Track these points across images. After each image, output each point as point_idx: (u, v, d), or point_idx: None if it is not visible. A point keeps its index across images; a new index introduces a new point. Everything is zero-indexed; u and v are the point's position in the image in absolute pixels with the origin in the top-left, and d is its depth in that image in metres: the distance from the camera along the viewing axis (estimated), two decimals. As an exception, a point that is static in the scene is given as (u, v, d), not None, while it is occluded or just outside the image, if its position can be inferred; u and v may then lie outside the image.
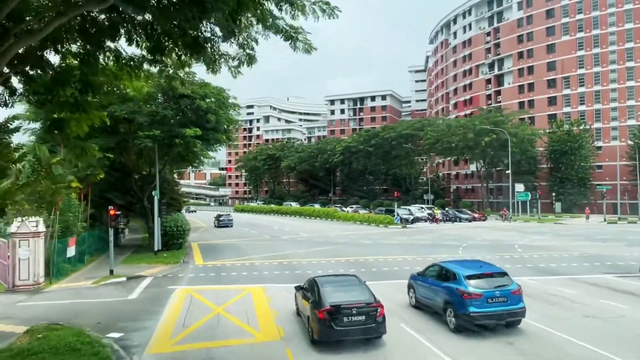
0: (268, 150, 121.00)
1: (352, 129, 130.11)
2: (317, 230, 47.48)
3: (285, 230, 48.28)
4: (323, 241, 36.10)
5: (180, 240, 31.23)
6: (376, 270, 22.21)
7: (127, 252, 32.03)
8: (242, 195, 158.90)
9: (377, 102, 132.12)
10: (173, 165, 39.10)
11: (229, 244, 36.98)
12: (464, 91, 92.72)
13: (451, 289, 12.60)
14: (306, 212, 71.97)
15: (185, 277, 22.09)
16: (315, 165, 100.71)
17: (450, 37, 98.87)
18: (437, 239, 36.21)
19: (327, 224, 56.74)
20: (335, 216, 62.02)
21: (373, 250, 29.85)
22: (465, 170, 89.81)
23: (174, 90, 27.65)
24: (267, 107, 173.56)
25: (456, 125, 64.51)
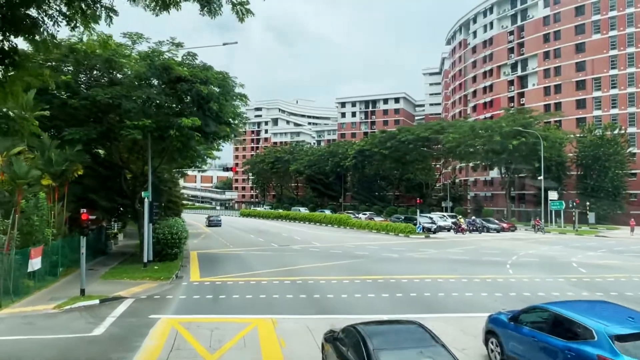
0: (276, 153, 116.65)
1: (363, 133, 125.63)
2: (331, 239, 42.81)
3: (296, 238, 43.65)
4: (340, 253, 31.39)
5: (175, 250, 26.66)
6: (416, 295, 17.48)
7: (114, 262, 27.51)
8: (249, 200, 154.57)
9: (389, 105, 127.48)
10: (172, 163, 34.62)
11: (233, 253, 32.41)
12: (484, 93, 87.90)
13: (584, 355, 7.72)
14: (316, 219, 67.31)
15: (174, 299, 17.50)
16: (325, 169, 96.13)
17: (470, 36, 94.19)
18: (473, 253, 31.38)
19: (341, 232, 52.03)
20: (349, 223, 57.29)
21: (403, 267, 25.12)
22: (484, 177, 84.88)
23: (169, 72, 23.21)
24: (275, 109, 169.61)
25: (481, 127, 59.66)
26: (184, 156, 31.48)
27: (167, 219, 33.36)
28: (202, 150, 47.61)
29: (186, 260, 28.87)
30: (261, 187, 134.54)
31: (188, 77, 23.45)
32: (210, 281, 21.17)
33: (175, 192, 36.25)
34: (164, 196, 32.67)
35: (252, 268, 25.16)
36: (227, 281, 21.04)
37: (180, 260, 27.21)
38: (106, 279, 21.73)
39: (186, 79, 23.51)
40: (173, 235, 26.40)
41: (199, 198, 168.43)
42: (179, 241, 26.69)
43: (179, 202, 36.82)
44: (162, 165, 33.18)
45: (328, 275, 22.14)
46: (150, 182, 26.14)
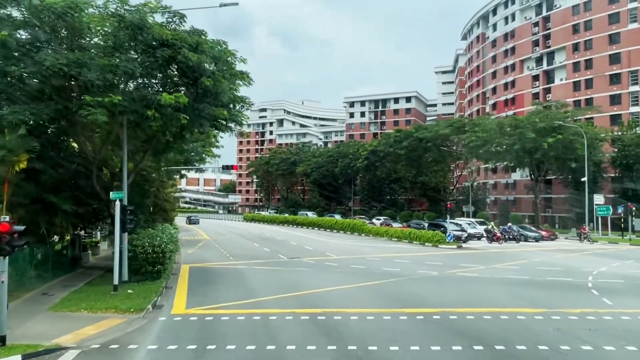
0: (282, 154, 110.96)
1: (372, 134, 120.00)
2: (347, 249, 36.93)
3: (306, 248, 37.81)
4: (364, 269, 25.52)
5: (158, 267, 20.86)
6: (505, 350, 11.51)
7: (81, 281, 21.75)
8: (253, 203, 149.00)
9: (400, 105, 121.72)
10: (160, 159, 28.88)
11: (232, 268, 26.61)
12: (505, 90, 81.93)
13: None
14: (326, 224, 61.47)
15: (138, 353, 11.68)
16: (334, 171, 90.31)
17: (489, 30, 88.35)
18: (530, 270, 25.36)
19: (356, 240, 46.13)
20: (364, 230, 51.41)
21: (454, 292, 19.24)
22: (506, 179, 78.82)
23: (145, 33, 17.44)
24: (280, 110, 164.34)
25: (510, 124, 53.65)
26: (173, 149, 25.73)
27: (155, 226, 27.72)
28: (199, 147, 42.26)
29: (174, 278, 23.12)
30: (266, 190, 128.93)
31: (171, 41, 17.69)
32: (198, 314, 15.35)
33: (165, 194, 30.51)
34: (150, 199, 26.90)
35: (256, 292, 19.32)
36: (222, 314, 15.20)
37: (164, 279, 21.43)
38: (57, 311, 15.93)
39: (169, 43, 17.74)
40: (155, 249, 20.61)
41: (202, 201, 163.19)
42: (162, 256, 20.89)
43: (171, 205, 30.91)
44: (148, 161, 27.50)
45: (358, 306, 16.26)
46: (125, 180, 20.43)
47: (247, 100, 23.96)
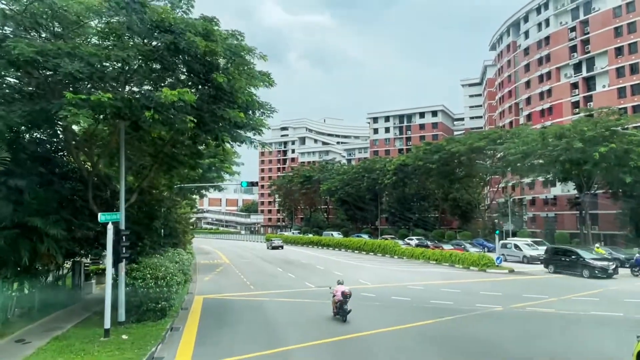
0: (305, 172, 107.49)
1: (398, 150, 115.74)
2: (382, 275, 32.73)
3: (335, 273, 33.72)
4: (410, 303, 21.37)
5: (163, 304, 17.12)
6: None
7: (72, 321, 18.16)
8: (275, 223, 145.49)
9: (426, 119, 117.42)
10: (172, 176, 25.49)
11: (253, 302, 22.75)
12: (541, 100, 77.07)
13: None
14: (354, 245, 57.29)
15: None
16: (360, 188, 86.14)
17: (520, 37, 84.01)
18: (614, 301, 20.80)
19: (389, 263, 41.83)
20: (396, 252, 47.05)
21: (544, 339, 14.93)
22: (545, 195, 73.42)
23: (141, 13, 14.06)
24: (302, 128, 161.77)
25: (554, 133, 48.93)
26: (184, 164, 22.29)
27: (166, 252, 24.21)
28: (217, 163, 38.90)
29: (183, 314, 19.44)
30: (288, 210, 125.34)
31: (173, 25, 14.29)
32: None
33: (177, 215, 27.02)
34: (159, 220, 23.42)
35: (282, 336, 15.41)
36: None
37: (170, 318, 17.72)
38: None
39: (172, 28, 14.35)
40: (159, 282, 16.93)
41: (223, 222, 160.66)
42: (168, 290, 17.17)
43: (183, 227, 27.29)
44: (157, 177, 24.16)
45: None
46: (122, 199, 16.94)
47: (267, 106, 20.36)
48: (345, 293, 17.59)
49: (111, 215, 15.23)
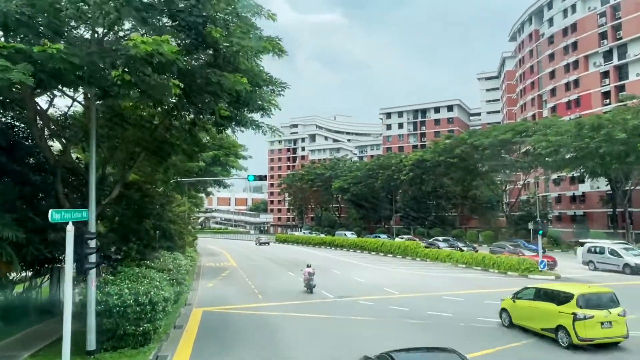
0: (316, 170, 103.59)
1: (412, 146, 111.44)
2: (410, 281, 28.72)
3: (357, 280, 29.83)
4: (455, 320, 17.43)
5: (146, 327, 13.31)
6: None
7: (33, 346, 14.45)
8: (285, 223, 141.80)
9: (442, 114, 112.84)
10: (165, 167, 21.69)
11: (260, 317, 18.94)
12: (567, 90, 72.33)
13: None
14: (370, 246, 53.30)
15: None
16: (374, 186, 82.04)
17: (544, 26, 79.30)
18: None
19: (413, 266, 37.78)
20: (419, 254, 42.94)
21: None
22: (572, 192, 68.83)
23: None
24: (312, 126, 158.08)
25: (593, 124, 44.42)
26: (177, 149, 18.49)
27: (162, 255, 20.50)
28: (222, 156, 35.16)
29: (176, 335, 15.73)
30: (298, 209, 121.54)
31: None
32: None
33: (172, 214, 23.12)
34: (150, 220, 19.68)
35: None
36: None
37: (156, 343, 13.97)
38: None
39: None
40: (140, 298, 13.14)
41: (232, 222, 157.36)
42: (152, 309, 13.37)
43: (179, 228, 23.24)
44: (147, 168, 20.45)
45: None
46: (92, 192, 13.16)
47: (277, 81, 16.51)
48: (310, 272, 24.23)
49: (71, 214, 11.43)
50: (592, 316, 12.92)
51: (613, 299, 13.66)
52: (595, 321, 12.83)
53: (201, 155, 29.67)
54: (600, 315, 12.98)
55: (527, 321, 14.99)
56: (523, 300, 15.51)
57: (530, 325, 14.80)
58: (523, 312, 15.22)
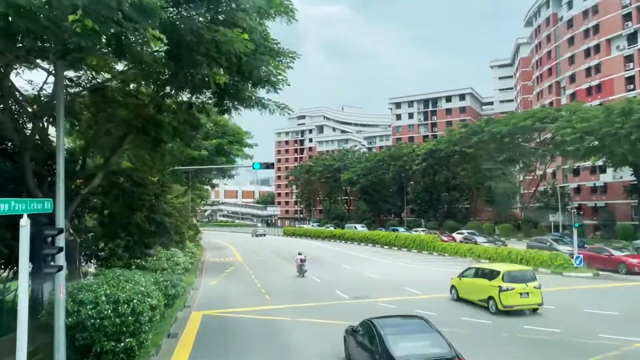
0: (325, 161, 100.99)
1: (422, 136, 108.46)
2: (432, 279, 26.21)
3: (371, 277, 27.38)
4: (496, 328, 14.97)
5: (128, 342, 10.91)
6: None
7: None
8: (293, 215, 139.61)
9: (453, 104, 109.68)
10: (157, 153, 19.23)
11: (267, 323, 16.56)
12: (588, 76, 68.97)
13: None
14: (383, 240, 50.83)
15: None
16: (384, 177, 79.35)
17: (562, 9, 75.76)
18: None
19: (432, 262, 35.25)
20: (436, 248, 40.39)
21: None
22: (594, 182, 65.76)
23: None
24: (320, 117, 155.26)
25: (623, 109, 41.36)
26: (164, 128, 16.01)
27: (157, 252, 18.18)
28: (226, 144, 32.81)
29: (168, 346, 13.41)
30: (306, 202, 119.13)
31: None
32: None
33: (168, 205, 20.63)
34: (142, 212, 17.29)
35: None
36: None
37: (144, 357, 11.60)
38: None
39: None
40: (120, 307, 10.74)
41: (239, 214, 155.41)
42: (135, 321, 10.96)
43: (175, 220, 20.61)
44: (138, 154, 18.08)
45: None
46: (60, 176, 10.72)
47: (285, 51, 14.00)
48: (302, 259, 27.36)
49: (26, 204, 8.98)
50: (513, 288, 16.32)
51: (531, 275, 17.21)
52: (516, 292, 16.23)
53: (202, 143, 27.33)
54: (520, 288, 16.34)
55: (469, 295, 18.58)
56: (466, 278, 19.04)
57: (471, 298, 18.35)
58: (466, 288, 18.85)
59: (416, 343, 9.22)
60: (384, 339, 9.27)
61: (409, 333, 9.70)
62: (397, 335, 9.43)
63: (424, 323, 10.13)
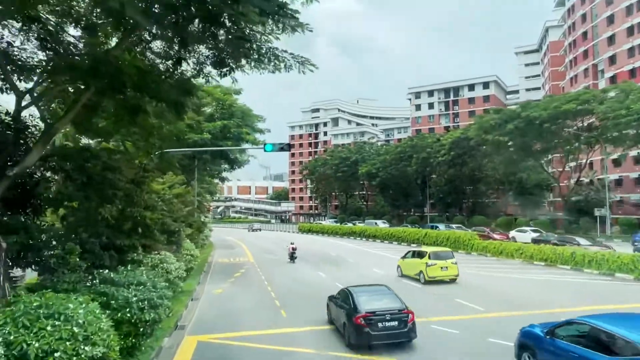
0: (341, 153, 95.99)
1: (444, 127, 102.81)
2: (494, 290, 21.11)
3: (411, 285, 22.46)
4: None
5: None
6: None
7: None
8: (307, 211, 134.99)
9: (476, 92, 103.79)
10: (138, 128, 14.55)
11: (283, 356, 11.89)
12: (631, 57, 62.88)
13: None
14: (410, 237, 45.86)
15: None
16: (406, 170, 74.08)
17: (600, -16, 69.58)
18: None
19: (478, 265, 30.11)
20: (474, 247, 35.28)
21: None
22: (637, 173, 59.86)
23: None
24: (334, 110, 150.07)
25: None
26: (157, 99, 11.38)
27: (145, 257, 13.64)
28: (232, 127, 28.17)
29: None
30: (322, 197, 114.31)
31: None
32: None
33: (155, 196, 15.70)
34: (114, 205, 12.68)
35: None
36: None
37: None
38: None
39: None
40: None
41: (253, 210, 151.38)
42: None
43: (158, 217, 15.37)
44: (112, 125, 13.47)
45: None
46: None
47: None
48: (293, 248, 33.43)
49: None
50: (435, 264, 22.11)
51: (450, 254, 23.20)
52: (438, 267, 22.00)
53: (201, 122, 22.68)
54: (441, 263, 22.17)
55: (408, 271, 23.88)
56: (407, 259, 24.51)
57: (409, 273, 23.63)
58: (407, 266, 24.21)
59: (378, 302, 12.62)
60: (355, 299, 12.74)
61: (374, 294, 13.17)
62: (364, 296, 12.94)
63: (385, 288, 13.82)
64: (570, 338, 8.73)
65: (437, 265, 21.86)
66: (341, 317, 13.06)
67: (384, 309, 12.17)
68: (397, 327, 11.91)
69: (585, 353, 8.06)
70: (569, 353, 8.43)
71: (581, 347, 8.24)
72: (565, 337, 8.85)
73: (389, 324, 11.90)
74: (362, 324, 11.84)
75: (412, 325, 12.08)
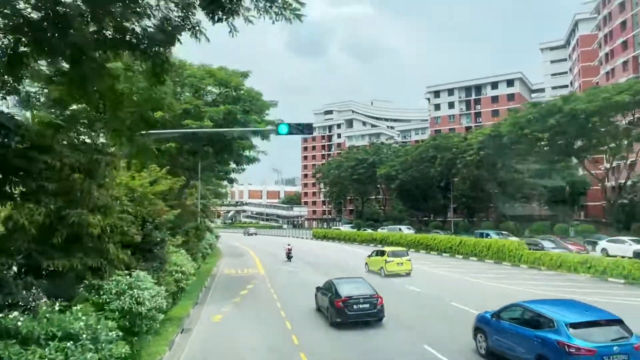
0: (358, 155, 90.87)
1: (465, 127, 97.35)
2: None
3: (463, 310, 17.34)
4: None
5: None
6: None
7: None
8: (320, 216, 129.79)
9: (500, 90, 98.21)
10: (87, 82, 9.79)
11: None
12: (679, 46, 57.17)
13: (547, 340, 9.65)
14: (441, 244, 40.70)
15: None
16: (429, 172, 68.71)
17: (641, -31, 63.85)
18: None
19: (533, 280, 24.86)
20: (523, 259, 29.95)
21: None
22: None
23: None
24: (348, 112, 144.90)
25: None
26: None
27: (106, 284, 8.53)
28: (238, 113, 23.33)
29: None
30: (336, 201, 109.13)
31: None
32: None
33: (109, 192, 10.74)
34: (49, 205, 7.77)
35: None
36: None
37: None
38: None
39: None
40: None
41: (264, 215, 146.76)
42: None
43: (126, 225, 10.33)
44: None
45: None
46: None
47: None
48: (289, 249, 37.51)
49: None
50: (392, 260, 26.93)
51: (405, 253, 28.81)
52: (395, 263, 26.76)
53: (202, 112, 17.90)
54: (397, 260, 27.02)
55: (373, 267, 28.67)
56: (372, 257, 29.50)
57: (374, 269, 28.26)
58: (373, 263, 28.99)
59: (355, 290, 15.58)
60: (337, 287, 15.82)
61: (351, 284, 16.41)
62: (344, 284, 16.11)
63: (361, 279, 17.49)
64: (510, 319, 11.13)
65: (394, 262, 26.88)
66: (325, 302, 16.23)
67: (358, 294, 15.19)
68: (368, 309, 14.98)
69: (519, 329, 10.63)
70: (508, 330, 10.92)
71: (517, 324, 10.79)
72: (507, 318, 11.24)
73: (362, 306, 14.95)
74: (341, 306, 14.86)
75: (380, 307, 15.16)
